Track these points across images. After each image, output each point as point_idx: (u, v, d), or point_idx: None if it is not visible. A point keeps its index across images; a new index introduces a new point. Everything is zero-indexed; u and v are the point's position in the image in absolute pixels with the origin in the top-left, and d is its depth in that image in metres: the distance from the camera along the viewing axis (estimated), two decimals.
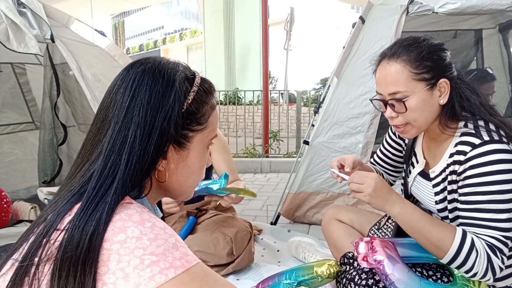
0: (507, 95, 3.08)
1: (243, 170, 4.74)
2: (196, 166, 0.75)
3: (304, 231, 2.49)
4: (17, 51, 2.04)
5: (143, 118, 0.66)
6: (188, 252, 0.60)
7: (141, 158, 0.66)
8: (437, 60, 1.11)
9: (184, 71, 0.73)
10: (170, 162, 0.71)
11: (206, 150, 0.77)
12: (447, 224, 1.13)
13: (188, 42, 26.78)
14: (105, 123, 0.68)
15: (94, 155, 0.66)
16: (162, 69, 0.70)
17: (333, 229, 1.58)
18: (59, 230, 0.59)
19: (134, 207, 0.62)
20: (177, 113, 0.68)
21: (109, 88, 0.71)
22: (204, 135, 0.74)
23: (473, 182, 1.06)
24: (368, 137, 2.44)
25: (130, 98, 0.67)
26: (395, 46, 1.15)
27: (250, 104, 7.01)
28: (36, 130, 3.13)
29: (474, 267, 1.05)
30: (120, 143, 0.65)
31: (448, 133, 1.15)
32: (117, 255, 0.56)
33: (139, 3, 20.38)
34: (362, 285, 1.21)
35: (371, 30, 2.43)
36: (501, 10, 2.13)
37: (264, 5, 5.37)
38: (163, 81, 0.69)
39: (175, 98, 0.68)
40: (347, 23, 3.01)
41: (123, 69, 0.73)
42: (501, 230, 1.04)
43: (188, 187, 0.78)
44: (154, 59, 0.73)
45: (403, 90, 1.10)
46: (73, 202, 0.63)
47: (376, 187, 1.12)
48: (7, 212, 2.25)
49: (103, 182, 0.63)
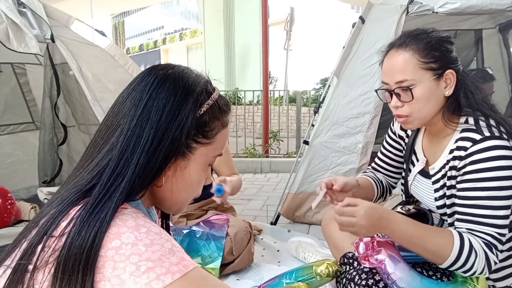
0: (507, 95, 3.08)
1: (243, 170, 4.74)
2: (193, 180, 0.73)
3: (304, 231, 2.49)
4: (17, 51, 2.04)
5: (158, 121, 0.65)
6: (185, 256, 0.58)
7: (151, 162, 0.65)
8: (444, 51, 1.12)
9: (205, 83, 0.72)
10: (170, 169, 0.69)
11: (207, 167, 0.75)
12: (442, 230, 1.13)
13: (188, 42, 26.76)
14: (119, 118, 0.67)
15: (104, 151, 0.65)
16: (184, 78, 0.70)
17: (333, 229, 1.58)
18: (54, 237, 0.57)
19: (129, 212, 0.61)
20: (191, 123, 0.68)
21: (128, 84, 0.71)
22: (208, 150, 0.73)
23: (472, 178, 1.06)
24: (368, 137, 2.44)
25: (148, 97, 0.67)
26: (403, 36, 1.15)
27: (250, 104, 7.01)
28: (36, 131, 3.13)
29: (473, 267, 1.05)
30: (134, 142, 0.64)
31: (450, 127, 1.15)
32: (112, 261, 0.54)
33: (139, 3, 20.38)
34: (362, 285, 1.21)
35: (371, 30, 2.43)
36: (501, 10, 2.13)
37: (264, 5, 5.38)
38: (183, 90, 0.68)
39: (191, 108, 0.68)
40: (347, 23, 3.01)
41: (144, 69, 0.73)
42: (497, 227, 1.05)
43: (180, 200, 0.75)
44: (179, 67, 0.73)
45: (410, 79, 1.10)
46: (75, 200, 0.61)
47: (366, 220, 1.06)
48: (10, 214, 2.25)
49: (115, 180, 0.62)
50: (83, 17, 11.73)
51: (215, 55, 13.85)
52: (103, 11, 18.43)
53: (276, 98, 8.39)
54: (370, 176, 1.51)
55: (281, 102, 8.28)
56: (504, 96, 3.07)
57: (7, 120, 3.08)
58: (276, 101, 8.18)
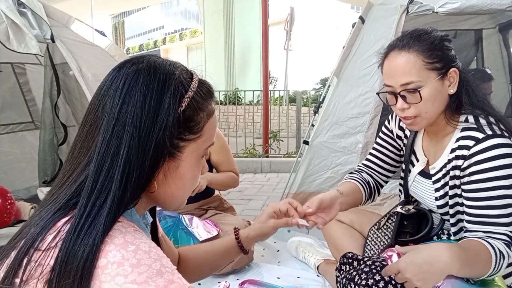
0: (507, 95, 3.07)
1: (243, 170, 4.74)
2: (188, 177, 0.68)
3: (304, 231, 2.48)
4: (17, 51, 2.04)
5: (136, 127, 0.59)
6: (174, 278, 0.55)
7: (137, 172, 0.59)
8: (445, 50, 1.12)
9: (181, 73, 0.65)
10: (159, 172, 0.65)
11: (200, 159, 0.70)
12: (475, 243, 1.07)
13: (188, 42, 26.77)
14: (93, 128, 0.61)
15: (81, 165, 0.60)
16: (157, 71, 0.63)
17: (333, 229, 1.58)
18: (41, 251, 0.55)
19: (119, 226, 0.57)
20: (172, 123, 0.61)
21: (98, 88, 0.65)
22: (198, 145, 0.67)
23: (479, 178, 1.06)
24: (368, 137, 2.44)
25: (121, 103, 0.60)
26: (405, 37, 1.14)
27: (250, 104, 7.01)
28: (36, 130, 3.13)
29: (500, 269, 1.04)
30: (112, 154, 0.59)
31: (451, 125, 1.15)
32: (98, 281, 0.52)
33: (139, 3, 20.38)
34: (362, 285, 1.20)
35: (371, 30, 2.42)
36: (501, 10, 2.12)
37: (264, 5, 5.38)
38: (158, 86, 0.61)
39: (170, 106, 0.61)
40: (347, 23, 3.01)
41: (114, 67, 0.66)
42: (509, 225, 1.04)
43: (179, 198, 0.71)
44: (149, 59, 0.65)
45: (416, 80, 1.09)
46: (58, 216, 0.58)
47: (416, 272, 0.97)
48: (10, 214, 2.25)
49: (96, 199, 0.57)
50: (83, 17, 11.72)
51: (215, 55, 13.84)
52: (103, 11, 18.42)
53: (276, 98, 8.40)
54: (355, 178, 1.42)
55: (281, 102, 8.28)
56: (504, 96, 3.07)
57: (6, 119, 3.08)
58: (276, 101, 8.18)
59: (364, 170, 1.48)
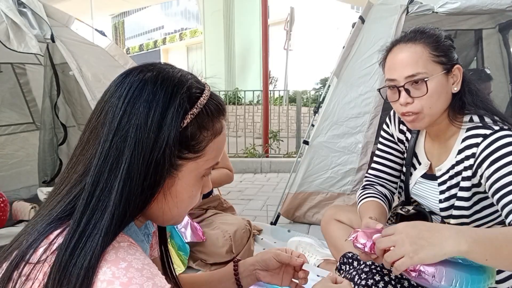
0: (507, 95, 3.07)
1: (243, 170, 4.74)
2: (184, 197, 0.64)
3: (304, 231, 2.49)
4: (18, 51, 2.04)
5: (140, 142, 0.56)
6: None
7: (139, 190, 0.56)
8: (449, 46, 1.12)
9: (190, 86, 0.60)
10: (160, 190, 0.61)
11: (200, 179, 0.65)
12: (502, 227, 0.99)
13: (188, 42, 26.75)
14: (94, 136, 0.58)
15: (79, 174, 0.57)
16: (164, 83, 0.59)
17: (332, 229, 1.58)
18: (32, 264, 0.53)
19: None
20: (172, 140, 0.57)
21: (103, 93, 0.62)
22: (198, 164, 0.62)
23: (501, 164, 0.99)
24: (368, 137, 2.44)
25: (123, 113, 0.57)
26: (411, 32, 1.14)
27: (250, 104, 7.01)
28: (36, 131, 3.13)
29: None
30: (111, 167, 0.56)
31: (455, 125, 1.14)
32: None
33: (139, 3, 20.36)
34: (362, 285, 1.21)
35: (371, 30, 2.43)
36: (501, 10, 2.13)
37: (264, 5, 5.38)
38: (164, 99, 0.58)
39: (172, 121, 0.57)
40: (347, 23, 3.01)
41: (120, 74, 0.63)
42: None
43: (175, 216, 0.66)
44: (159, 68, 0.61)
45: (423, 72, 1.07)
46: (50, 229, 0.55)
47: (412, 234, 0.84)
48: (5, 211, 2.24)
49: (92, 215, 0.54)
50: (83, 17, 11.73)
51: (215, 55, 13.83)
52: (103, 11, 18.41)
53: (276, 98, 8.40)
54: (373, 195, 1.33)
55: (281, 102, 8.28)
56: (504, 96, 3.07)
57: (7, 120, 3.08)
58: (276, 101, 8.18)
59: (376, 182, 1.42)
